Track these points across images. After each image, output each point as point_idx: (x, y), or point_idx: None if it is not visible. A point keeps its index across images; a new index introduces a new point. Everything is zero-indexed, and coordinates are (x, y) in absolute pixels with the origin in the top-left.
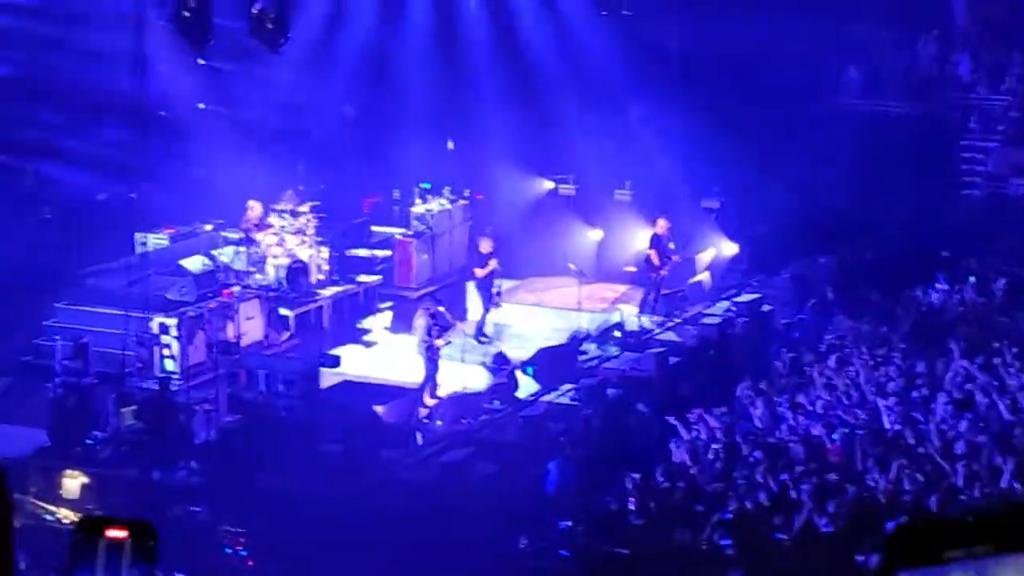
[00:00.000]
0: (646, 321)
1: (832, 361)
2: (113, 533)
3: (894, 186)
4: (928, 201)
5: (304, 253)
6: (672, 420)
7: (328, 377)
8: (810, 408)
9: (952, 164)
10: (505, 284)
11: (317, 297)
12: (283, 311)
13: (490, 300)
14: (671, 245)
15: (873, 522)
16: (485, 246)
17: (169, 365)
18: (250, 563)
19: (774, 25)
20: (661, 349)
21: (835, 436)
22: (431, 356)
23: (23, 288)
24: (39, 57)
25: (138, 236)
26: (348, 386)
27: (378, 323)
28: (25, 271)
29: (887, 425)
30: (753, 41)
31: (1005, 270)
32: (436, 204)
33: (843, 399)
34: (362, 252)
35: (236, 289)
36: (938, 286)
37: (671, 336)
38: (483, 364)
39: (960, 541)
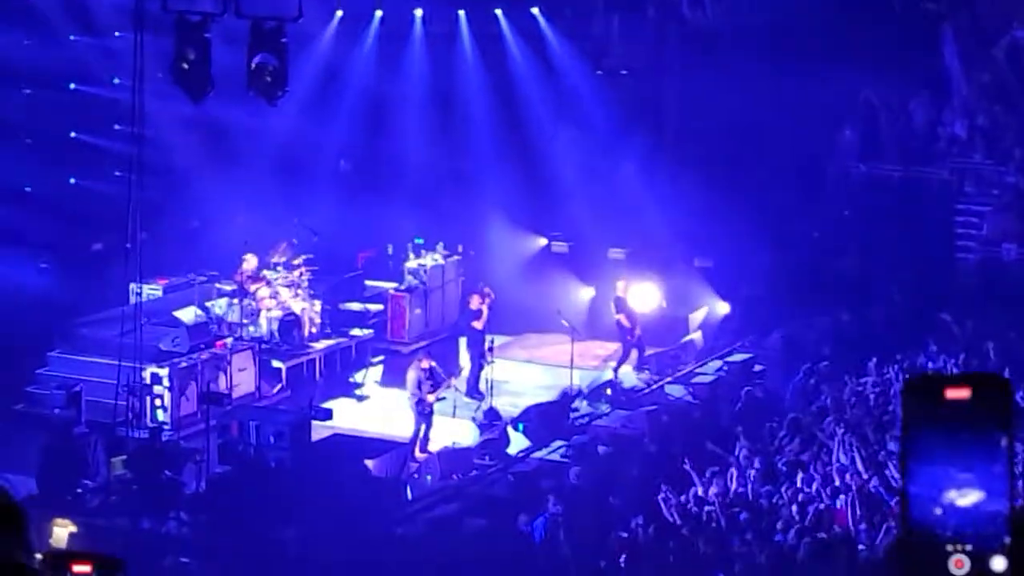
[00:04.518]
0: (631, 379)
1: (827, 423)
2: (79, 569)
3: (889, 248)
4: (923, 264)
5: (297, 306)
6: (663, 478)
7: (319, 430)
8: (802, 470)
9: (947, 228)
10: (498, 340)
11: (309, 350)
12: (275, 363)
13: (482, 356)
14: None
15: None
16: (475, 303)
17: (160, 415)
18: None
19: (770, 86)
20: (652, 407)
21: (838, 501)
22: (422, 411)
23: (17, 336)
24: (39, 106)
25: (132, 286)
26: (339, 439)
27: (370, 377)
28: (20, 319)
29: (877, 489)
30: (748, 102)
31: (997, 334)
32: (430, 259)
33: (838, 461)
34: (355, 306)
35: (229, 341)
36: (931, 349)
37: (663, 394)
38: (474, 420)
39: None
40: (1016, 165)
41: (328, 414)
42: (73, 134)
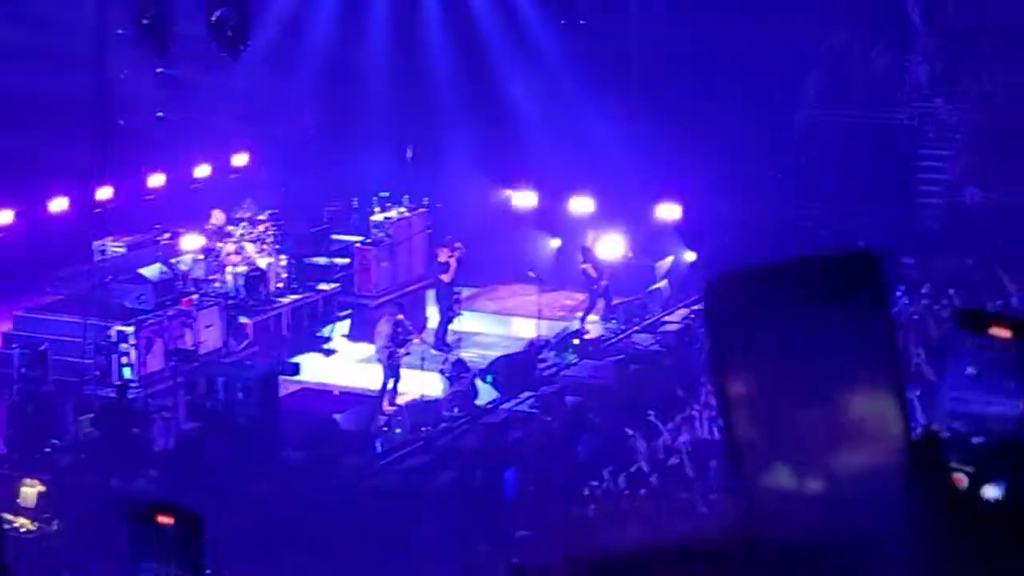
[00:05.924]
0: (598, 328)
1: None
2: (163, 520)
3: (852, 193)
4: (886, 209)
5: (263, 261)
6: (632, 427)
7: (287, 385)
8: None
9: (910, 172)
10: (465, 292)
11: (276, 305)
12: (242, 319)
13: (450, 308)
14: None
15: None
16: (443, 256)
17: (127, 373)
18: (207, 572)
19: (732, 34)
20: (620, 356)
21: None
22: (391, 363)
23: None
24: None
25: (96, 244)
26: (307, 393)
27: (337, 331)
28: None
29: None
30: (712, 50)
31: (960, 279)
32: (395, 212)
33: None
34: (321, 260)
35: (195, 297)
36: (895, 294)
37: (630, 343)
38: (442, 372)
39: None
40: (976, 108)
41: (296, 369)
42: (35, 90)
